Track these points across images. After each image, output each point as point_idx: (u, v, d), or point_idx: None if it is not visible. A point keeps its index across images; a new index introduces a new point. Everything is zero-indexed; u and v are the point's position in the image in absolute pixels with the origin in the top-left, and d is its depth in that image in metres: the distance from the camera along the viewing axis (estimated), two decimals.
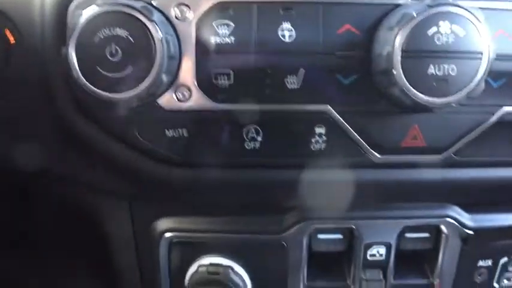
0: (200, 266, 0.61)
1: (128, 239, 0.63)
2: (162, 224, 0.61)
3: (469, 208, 0.62)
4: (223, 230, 0.61)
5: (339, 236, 0.62)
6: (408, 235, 0.62)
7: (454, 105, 0.45)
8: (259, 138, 0.50)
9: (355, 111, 0.49)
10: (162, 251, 0.62)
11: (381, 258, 0.62)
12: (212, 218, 0.61)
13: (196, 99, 0.49)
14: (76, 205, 0.65)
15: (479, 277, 0.66)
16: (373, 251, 0.62)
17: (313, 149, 0.51)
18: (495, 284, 0.67)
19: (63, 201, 0.66)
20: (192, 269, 0.62)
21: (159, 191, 0.56)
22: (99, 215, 0.64)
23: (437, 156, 0.52)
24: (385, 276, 0.63)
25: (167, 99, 0.49)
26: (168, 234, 0.61)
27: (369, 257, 0.62)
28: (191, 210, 0.61)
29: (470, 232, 0.61)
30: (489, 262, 0.65)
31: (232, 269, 0.61)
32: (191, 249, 0.62)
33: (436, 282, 0.64)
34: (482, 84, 0.45)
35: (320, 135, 0.50)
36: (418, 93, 0.44)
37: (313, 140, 0.50)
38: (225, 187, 0.54)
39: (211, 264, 0.61)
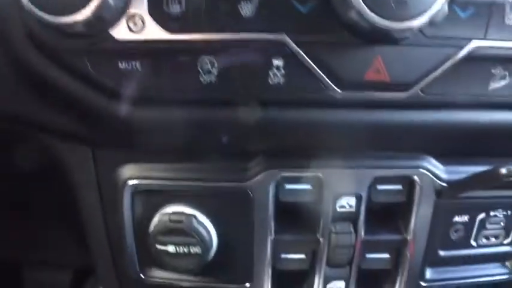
0: (163, 214, 0.60)
1: (92, 188, 0.62)
2: (126, 171, 0.59)
3: (443, 159, 0.60)
4: (187, 178, 0.59)
5: (308, 187, 0.59)
6: (380, 187, 0.60)
7: (415, 31, 0.43)
8: (215, 71, 0.48)
9: (314, 41, 0.46)
10: (126, 199, 0.60)
11: (351, 210, 0.60)
12: (176, 165, 0.59)
13: (149, 29, 0.47)
14: (41, 154, 0.64)
15: (455, 233, 0.63)
16: (343, 202, 0.59)
17: (271, 83, 0.48)
18: (472, 242, 0.64)
19: (28, 150, 0.65)
20: (156, 218, 0.60)
21: (115, 131, 0.54)
22: (64, 163, 0.63)
23: (403, 94, 0.49)
24: (355, 230, 0.61)
25: (119, 29, 0.47)
26: (131, 182, 0.59)
27: (338, 209, 0.60)
28: (155, 157, 0.60)
29: (445, 184, 0.59)
30: (465, 218, 0.62)
31: (195, 217, 0.59)
32: (155, 198, 0.60)
33: (410, 237, 0.62)
34: (445, 8, 0.43)
35: (278, 67, 0.48)
36: (375, 16, 0.42)
37: (271, 73, 0.48)
38: (181, 126, 0.52)
39: (173, 213, 0.59)
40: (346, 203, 0.59)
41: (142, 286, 0.66)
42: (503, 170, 0.49)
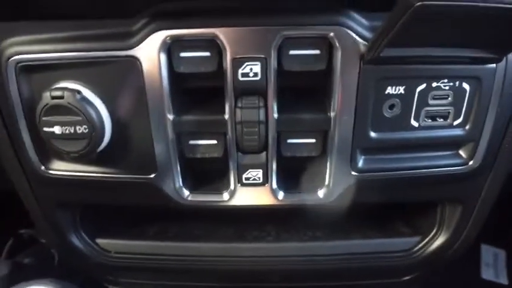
0: (46, 92, 0.53)
1: None
2: (6, 46, 0.53)
3: (368, 14, 0.49)
4: (68, 49, 0.51)
5: (205, 53, 0.50)
6: (293, 52, 0.50)
7: None
8: None
9: None
10: (11, 77, 0.54)
11: (255, 78, 0.50)
12: (58, 34, 0.52)
13: None
14: None
15: (389, 111, 0.52)
16: (246, 68, 0.50)
17: None
18: (413, 122, 0.53)
19: None
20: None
21: None
22: None
23: None
24: (266, 106, 0.52)
25: None
26: (14, 58, 0.53)
27: (240, 77, 0.50)
28: (36, 28, 0.52)
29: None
30: (401, 89, 0.51)
31: (79, 92, 0.52)
32: (40, 75, 0.53)
33: (333, 115, 0.52)
34: None
35: None
36: None
37: None
38: None
39: (55, 88, 0.52)
40: (250, 69, 0.50)
41: (47, 181, 0.60)
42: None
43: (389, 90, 0.51)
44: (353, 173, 0.55)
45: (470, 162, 0.56)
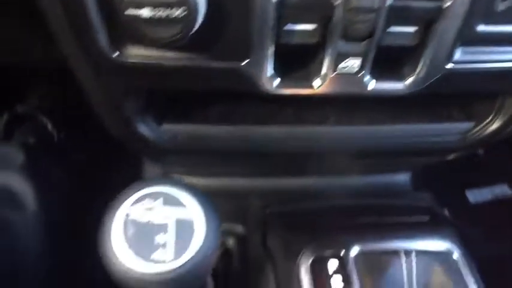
0: None
1: None
2: None
3: None
4: None
5: None
6: None
7: None
8: None
9: None
10: None
11: None
12: None
13: None
14: None
15: (502, 3, 0.51)
16: None
17: None
18: None
19: None
20: None
21: None
22: None
23: None
24: None
25: None
26: None
27: None
28: None
29: None
30: None
31: None
32: None
33: (447, 5, 0.50)
34: None
35: None
36: None
37: None
38: None
39: None
40: None
41: (118, 68, 0.54)
42: None
43: None
44: (447, 64, 0.55)
45: None
